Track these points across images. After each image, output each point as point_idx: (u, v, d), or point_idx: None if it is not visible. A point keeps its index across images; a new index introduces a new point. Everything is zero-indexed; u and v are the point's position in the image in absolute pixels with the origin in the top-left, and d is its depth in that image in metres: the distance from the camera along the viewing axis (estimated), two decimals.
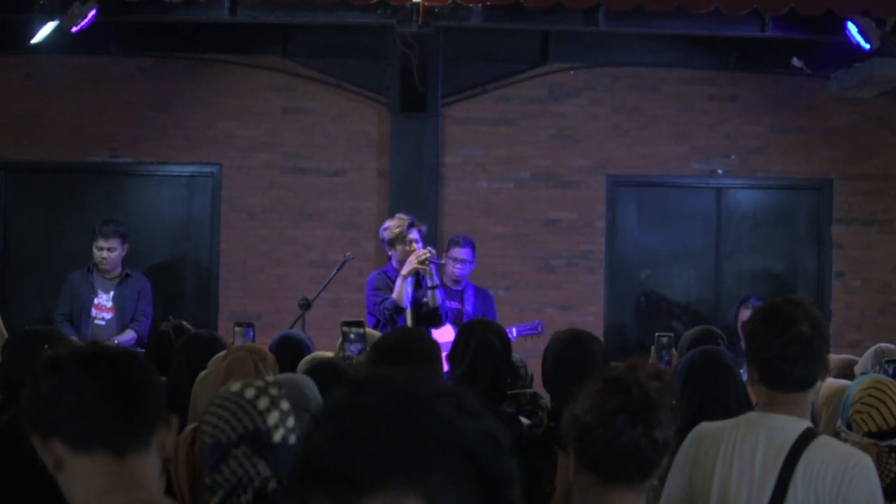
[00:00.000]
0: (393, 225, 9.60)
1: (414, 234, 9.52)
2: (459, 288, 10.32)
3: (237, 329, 7.34)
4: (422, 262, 9.26)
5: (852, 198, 12.94)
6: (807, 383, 3.85)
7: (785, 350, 3.77)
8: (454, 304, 10.16)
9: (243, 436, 3.24)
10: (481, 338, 5.44)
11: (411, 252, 9.37)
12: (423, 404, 1.42)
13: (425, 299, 9.43)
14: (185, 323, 7.41)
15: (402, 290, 9.26)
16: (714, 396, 4.95)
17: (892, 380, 5.66)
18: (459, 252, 10.31)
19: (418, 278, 9.48)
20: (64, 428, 2.70)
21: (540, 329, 10.26)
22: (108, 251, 10.44)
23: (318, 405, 4.52)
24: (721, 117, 12.87)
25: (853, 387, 5.52)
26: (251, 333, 7.29)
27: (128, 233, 10.68)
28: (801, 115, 12.88)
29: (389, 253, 9.72)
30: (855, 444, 5.16)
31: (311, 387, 4.50)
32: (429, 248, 9.46)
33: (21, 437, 2.84)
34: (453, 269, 10.28)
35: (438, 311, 9.46)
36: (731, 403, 4.80)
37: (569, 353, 5.03)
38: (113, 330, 10.35)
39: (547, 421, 4.89)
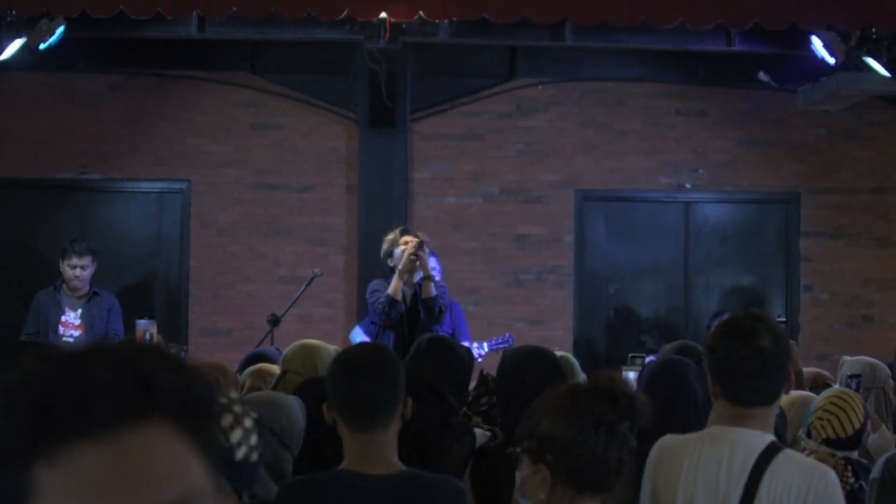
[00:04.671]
0: (386, 238, 9.20)
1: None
2: None
3: None
4: (413, 253, 8.83)
5: (820, 211, 12.99)
6: (770, 398, 3.81)
7: (746, 364, 3.73)
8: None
9: None
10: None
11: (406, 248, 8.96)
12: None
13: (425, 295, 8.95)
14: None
15: (398, 285, 8.91)
16: (673, 407, 4.92)
17: (856, 393, 5.77)
18: None
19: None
20: None
21: (511, 342, 10.15)
22: (81, 269, 10.12)
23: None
24: (689, 131, 12.92)
25: (819, 397, 5.63)
26: None
27: (99, 250, 10.44)
28: (768, 128, 12.94)
29: (391, 265, 9.14)
30: (812, 452, 5.22)
31: (294, 406, 4.48)
32: (421, 237, 9.04)
33: None
34: None
35: (432, 305, 8.90)
36: (689, 416, 4.80)
37: (531, 368, 5.00)
38: None
39: (502, 433, 4.88)
